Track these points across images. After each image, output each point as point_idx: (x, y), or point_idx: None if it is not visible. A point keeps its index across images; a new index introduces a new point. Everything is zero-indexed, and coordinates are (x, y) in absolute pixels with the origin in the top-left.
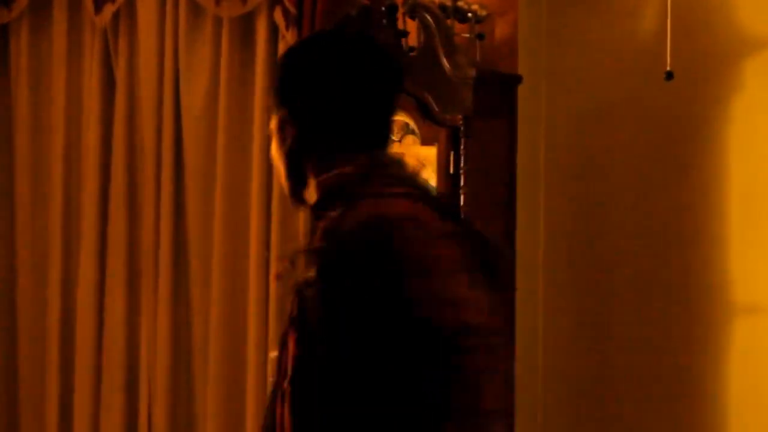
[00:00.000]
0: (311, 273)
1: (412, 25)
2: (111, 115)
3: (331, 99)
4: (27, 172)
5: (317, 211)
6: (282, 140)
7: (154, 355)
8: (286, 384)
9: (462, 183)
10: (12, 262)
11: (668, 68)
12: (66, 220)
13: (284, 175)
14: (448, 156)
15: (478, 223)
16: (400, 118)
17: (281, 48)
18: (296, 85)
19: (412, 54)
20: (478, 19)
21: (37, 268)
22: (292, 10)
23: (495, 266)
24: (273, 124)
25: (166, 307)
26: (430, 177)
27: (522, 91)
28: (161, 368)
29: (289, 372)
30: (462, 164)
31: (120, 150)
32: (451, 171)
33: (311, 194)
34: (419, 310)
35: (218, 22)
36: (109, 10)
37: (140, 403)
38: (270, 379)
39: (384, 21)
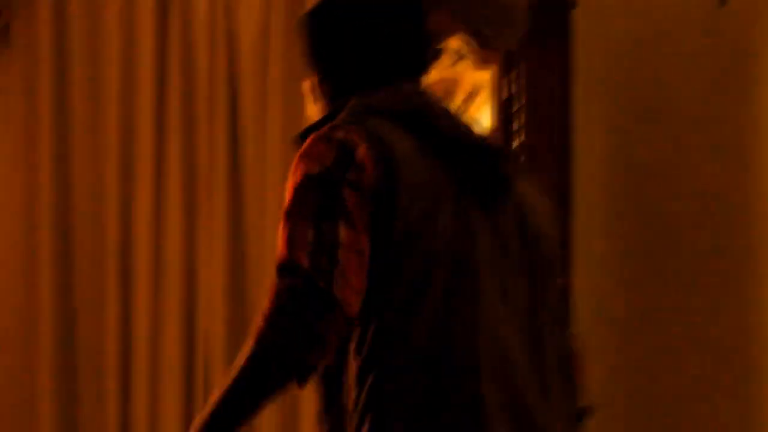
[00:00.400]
0: None
1: None
2: (165, 39)
3: (358, 41)
4: (83, 98)
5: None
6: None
7: (211, 279)
8: None
9: (515, 109)
10: (69, 183)
11: None
12: (123, 143)
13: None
14: (501, 82)
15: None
16: (454, 43)
17: None
18: (323, 40)
19: None
20: None
21: (94, 192)
22: None
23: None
24: (307, 85)
25: (222, 232)
26: (483, 104)
27: (576, 16)
28: (218, 296)
29: None
30: (514, 90)
31: (175, 72)
32: (504, 97)
33: None
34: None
35: None
36: None
37: (197, 330)
38: None
39: None
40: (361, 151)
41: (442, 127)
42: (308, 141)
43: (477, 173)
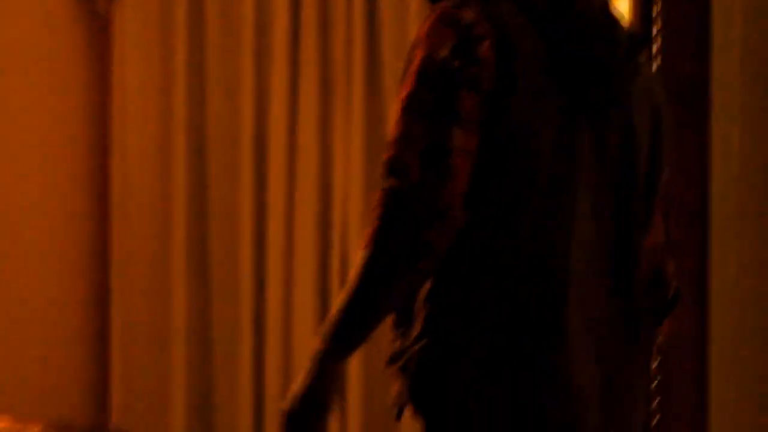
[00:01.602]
0: None
1: None
2: None
3: None
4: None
5: None
6: None
7: (348, 169)
8: None
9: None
10: (203, 74)
11: None
12: (257, 32)
13: None
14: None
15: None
16: None
17: None
18: None
19: None
20: None
21: (228, 79)
22: None
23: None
24: None
25: (360, 120)
26: None
27: None
28: (355, 183)
29: None
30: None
31: None
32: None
33: None
34: None
35: None
36: None
37: (334, 218)
38: None
39: None
40: (485, 46)
41: (570, 28)
42: (435, 17)
43: (592, 85)
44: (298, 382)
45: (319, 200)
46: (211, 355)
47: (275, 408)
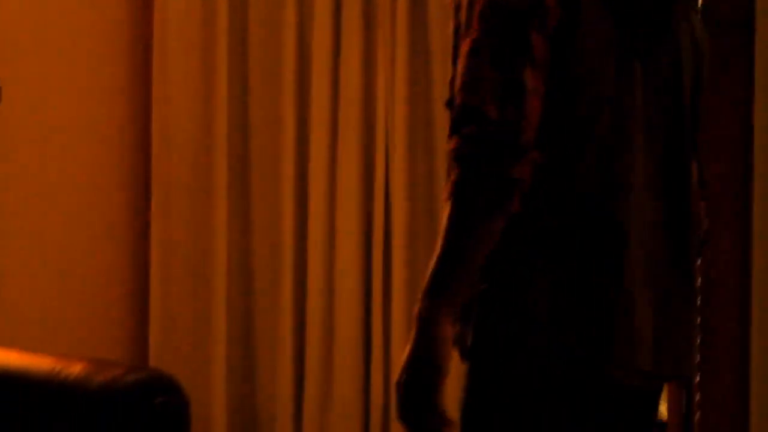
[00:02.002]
0: None
1: None
2: None
3: None
4: None
5: None
6: None
7: (392, 106)
8: None
9: None
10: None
11: None
12: None
13: None
14: None
15: None
16: None
17: None
18: None
19: None
20: None
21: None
22: None
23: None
24: None
25: (403, 56)
26: None
27: None
28: (399, 120)
29: None
30: None
31: None
32: None
33: None
34: None
35: None
36: None
37: (376, 160)
38: None
39: None
40: None
41: None
42: None
43: (645, 18)
44: (406, 351)
45: (361, 139)
46: (252, 295)
47: (316, 341)
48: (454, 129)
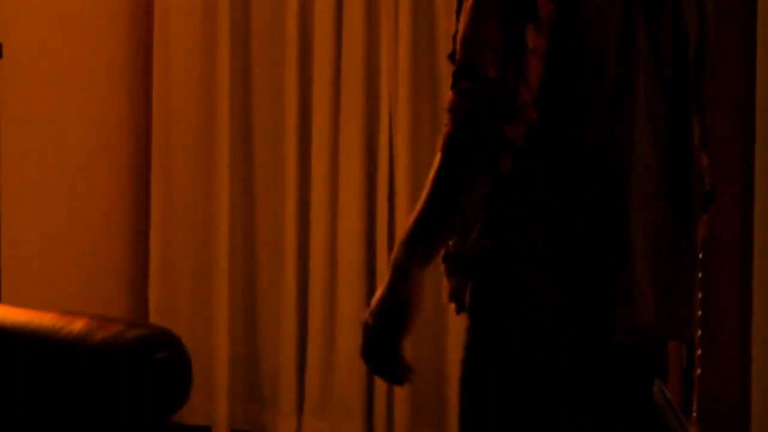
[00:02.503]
0: None
1: None
2: None
3: None
4: None
5: None
6: None
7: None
8: None
9: None
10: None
11: None
12: None
13: None
14: None
15: None
16: None
17: None
18: None
19: None
20: None
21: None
22: None
23: None
24: None
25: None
26: None
27: None
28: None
29: None
30: None
31: None
32: None
33: None
34: None
35: None
36: None
37: (381, 126)
38: None
39: None
40: None
41: None
42: None
43: None
44: (377, 294)
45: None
46: (254, 255)
47: (318, 302)
48: (454, 83)
